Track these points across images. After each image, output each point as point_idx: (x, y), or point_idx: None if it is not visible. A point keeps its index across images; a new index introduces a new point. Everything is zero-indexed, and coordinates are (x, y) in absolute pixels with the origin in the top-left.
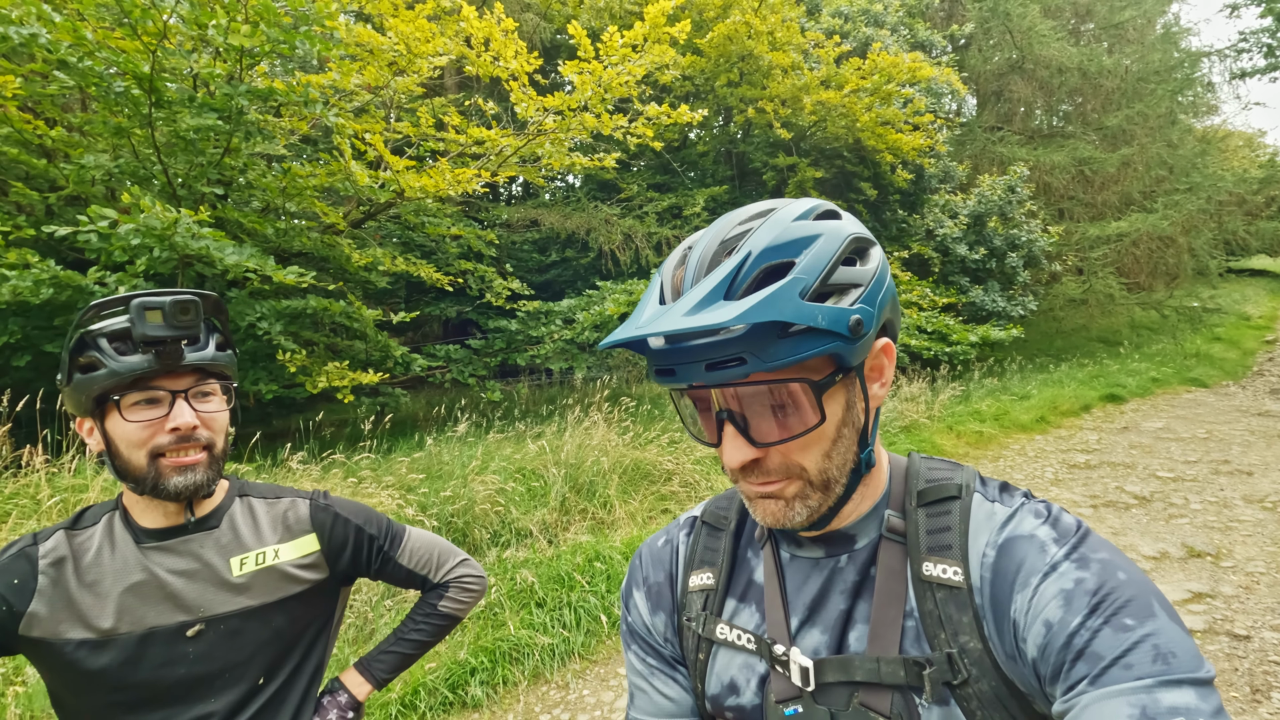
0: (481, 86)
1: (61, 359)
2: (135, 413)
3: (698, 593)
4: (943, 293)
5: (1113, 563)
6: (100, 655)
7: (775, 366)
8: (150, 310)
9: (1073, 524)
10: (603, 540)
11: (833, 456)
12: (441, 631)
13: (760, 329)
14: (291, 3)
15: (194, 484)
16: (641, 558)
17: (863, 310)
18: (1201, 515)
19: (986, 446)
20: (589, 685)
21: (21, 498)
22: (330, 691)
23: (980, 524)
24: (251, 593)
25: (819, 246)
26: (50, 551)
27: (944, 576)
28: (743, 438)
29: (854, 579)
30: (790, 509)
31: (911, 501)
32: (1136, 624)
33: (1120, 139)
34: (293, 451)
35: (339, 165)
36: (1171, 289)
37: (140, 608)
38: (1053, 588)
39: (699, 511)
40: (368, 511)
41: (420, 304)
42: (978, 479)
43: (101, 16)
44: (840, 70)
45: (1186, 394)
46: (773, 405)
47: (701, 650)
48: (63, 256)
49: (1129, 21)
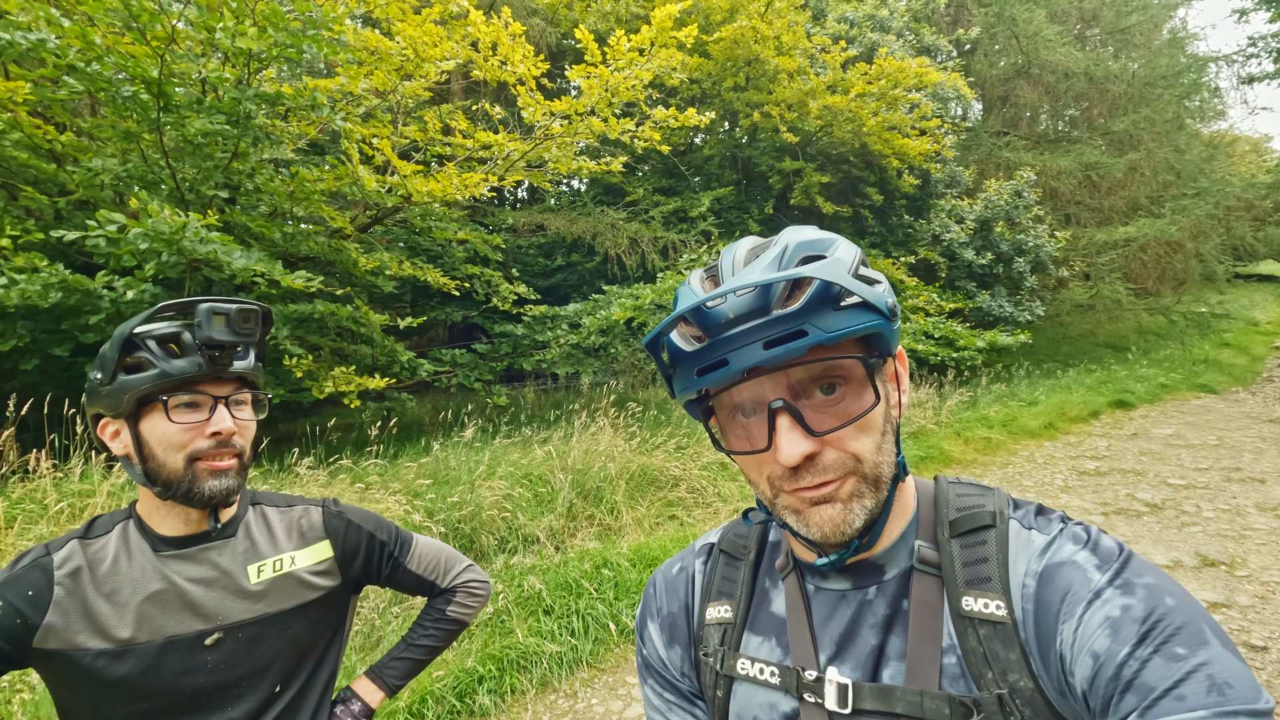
0: (488, 91)
1: (103, 359)
2: (179, 415)
3: (715, 626)
4: (949, 298)
5: (1160, 587)
6: (119, 665)
7: (834, 338)
8: (218, 315)
9: (1114, 547)
10: (610, 547)
11: (882, 450)
12: (450, 636)
13: (818, 297)
14: (299, 7)
15: (225, 488)
16: (656, 585)
17: (892, 298)
18: (1214, 523)
19: (995, 453)
20: (597, 694)
21: (28, 503)
22: (343, 700)
23: (1019, 552)
24: (269, 600)
25: (842, 246)
26: (65, 561)
27: (986, 611)
28: (800, 428)
29: (885, 612)
30: (849, 511)
31: (944, 532)
32: (1188, 653)
33: (1127, 144)
34: (300, 457)
35: (346, 170)
36: (1179, 294)
37: (159, 617)
38: (1098, 616)
39: (716, 538)
40: (378, 519)
41: (426, 308)
42: (1011, 503)
43: (111, 21)
44: (846, 75)
45: (1196, 400)
46: (824, 390)
47: (720, 687)
48: (71, 260)
49: (1135, 26)
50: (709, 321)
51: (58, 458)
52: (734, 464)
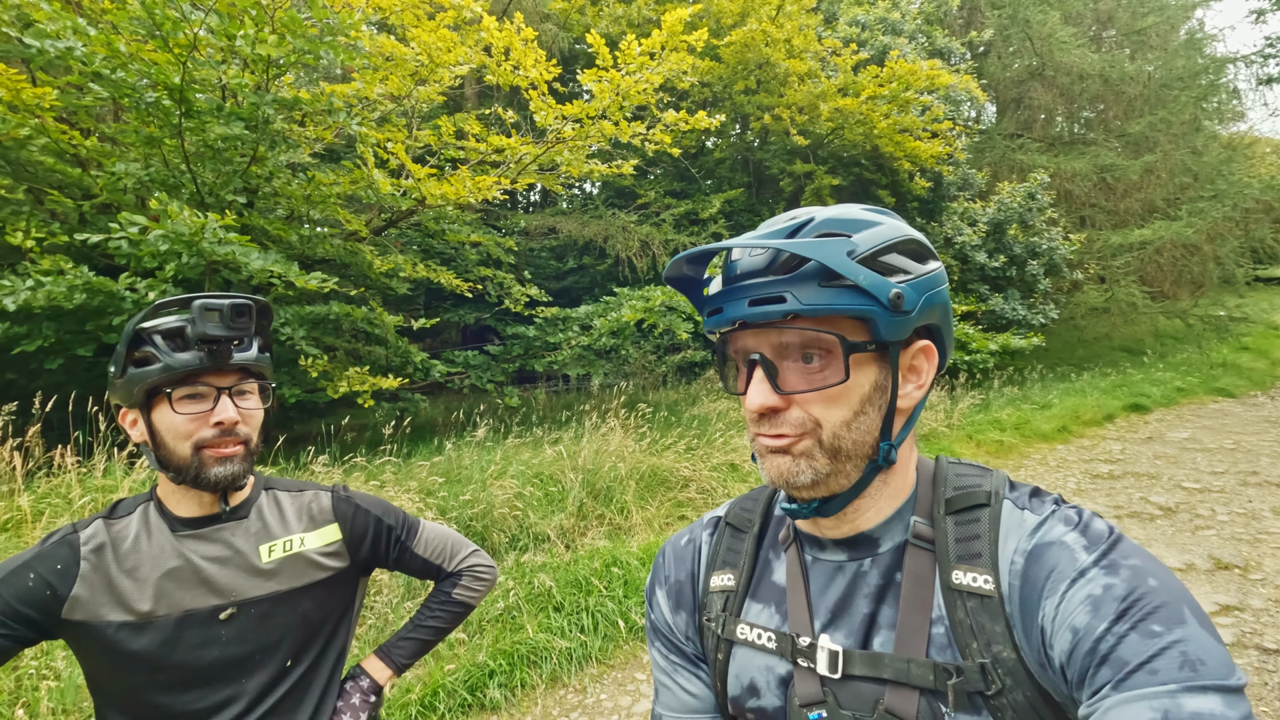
0: (501, 95)
1: (116, 353)
2: (183, 406)
3: (718, 593)
4: (961, 300)
5: (1144, 569)
6: (140, 637)
7: (813, 312)
8: (210, 311)
9: (1104, 530)
10: (620, 546)
11: (851, 428)
12: (457, 619)
13: (804, 274)
14: (317, 14)
15: (231, 474)
16: (665, 555)
17: (907, 291)
18: (1229, 527)
19: (1007, 455)
20: (606, 690)
21: (53, 497)
22: (352, 677)
23: (1010, 531)
24: (280, 578)
25: (877, 230)
26: (91, 538)
27: (974, 585)
28: (769, 383)
29: (878, 583)
30: (796, 465)
31: (940, 509)
32: (1165, 630)
33: (1143, 146)
34: (315, 455)
35: (362, 173)
36: (1196, 298)
37: (177, 592)
38: (1081, 594)
39: (723, 512)
40: (385, 504)
41: (439, 310)
42: (1007, 484)
43: (135, 29)
44: (858, 78)
45: (1213, 404)
46: (805, 359)
47: (720, 650)
48: (95, 263)
49: (1152, 28)
50: (727, 271)
51: (81, 454)
52: (744, 466)
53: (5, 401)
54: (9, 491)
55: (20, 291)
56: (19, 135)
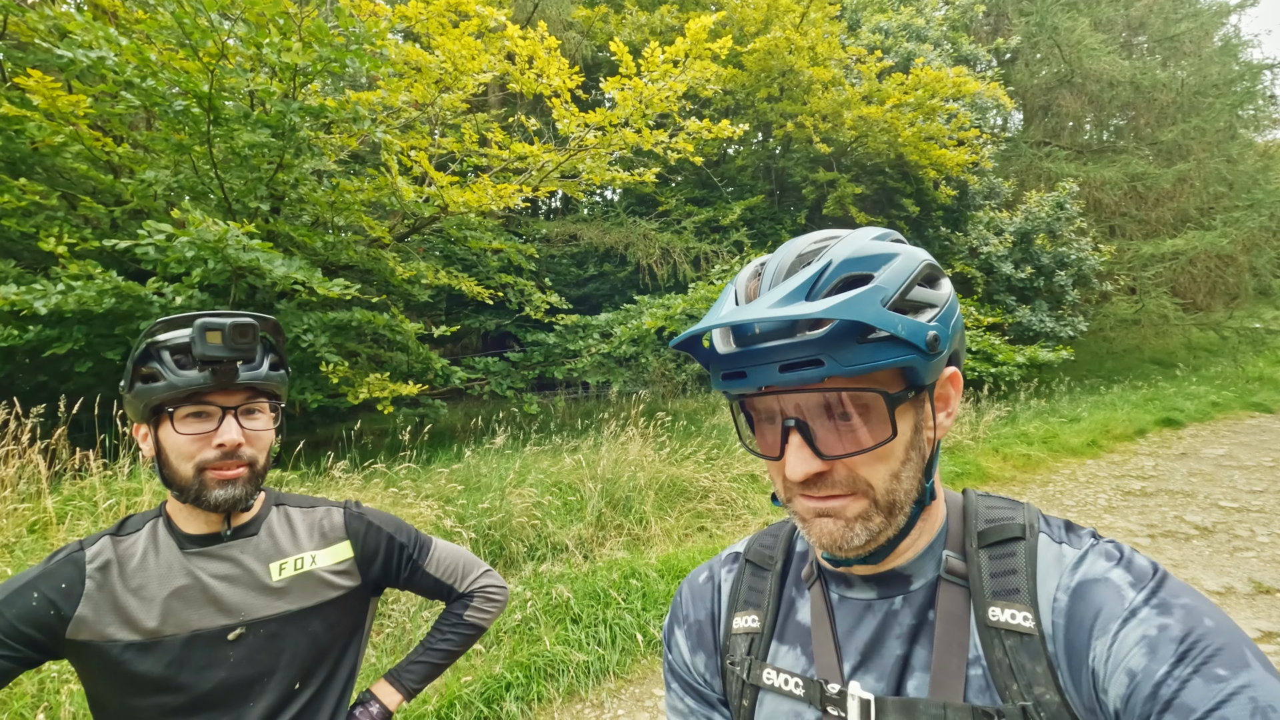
0: (524, 103)
1: (126, 367)
2: (186, 425)
3: (742, 635)
4: (987, 312)
5: (1197, 609)
6: (147, 657)
7: (852, 372)
8: (211, 331)
9: (1148, 566)
10: (638, 557)
11: (900, 478)
12: (468, 641)
13: (840, 331)
14: (343, 22)
15: (233, 497)
16: (683, 594)
17: (939, 328)
18: (1270, 549)
19: (1035, 470)
20: (624, 705)
21: (79, 499)
22: (361, 702)
23: (1049, 567)
24: (290, 597)
25: (897, 264)
26: (97, 556)
27: (1013, 623)
28: (809, 449)
29: (910, 623)
30: (849, 530)
31: (972, 543)
32: (1230, 674)
33: (1176, 154)
34: (335, 460)
35: (386, 180)
36: (1231, 309)
37: (184, 611)
38: (1134, 634)
39: (742, 548)
40: (398, 521)
41: (460, 317)
42: (1041, 518)
43: (165, 39)
44: (882, 86)
45: (1250, 419)
46: (841, 417)
47: (746, 696)
48: (124, 268)
49: (1185, 34)
50: (739, 329)
51: (107, 457)
52: (765, 478)
53: (36, 403)
54: (35, 493)
55: (51, 295)
56: (54, 142)
